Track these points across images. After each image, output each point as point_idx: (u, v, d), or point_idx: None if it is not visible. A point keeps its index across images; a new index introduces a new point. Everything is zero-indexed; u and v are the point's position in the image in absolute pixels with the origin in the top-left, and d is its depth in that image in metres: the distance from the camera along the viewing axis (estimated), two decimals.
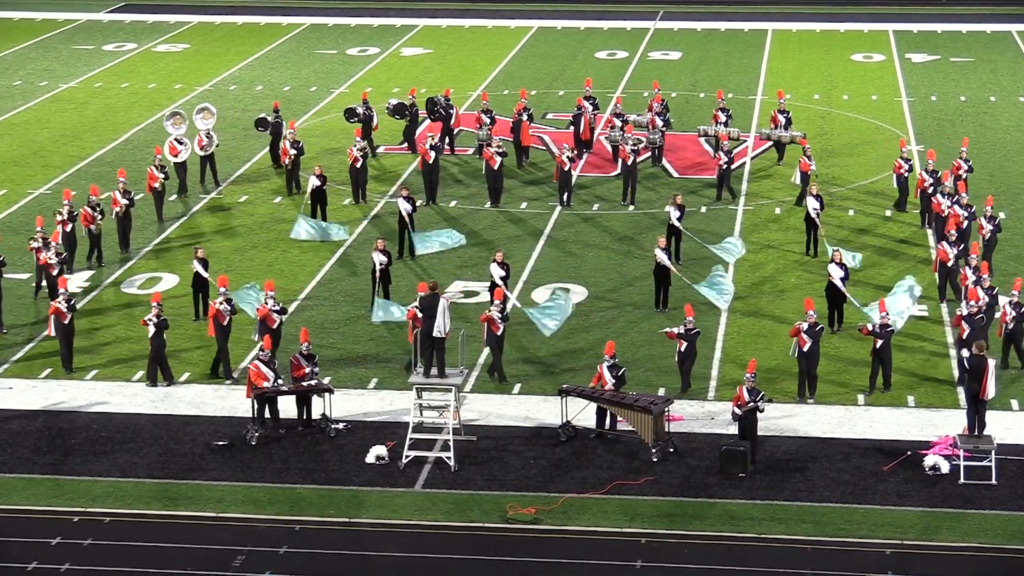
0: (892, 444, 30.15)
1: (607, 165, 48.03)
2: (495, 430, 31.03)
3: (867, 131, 52.14)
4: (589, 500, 28.15)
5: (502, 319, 32.58)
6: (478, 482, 28.90)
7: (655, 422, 29.62)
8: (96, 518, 27.69)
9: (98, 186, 41.98)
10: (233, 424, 31.30)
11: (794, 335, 31.75)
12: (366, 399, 32.58)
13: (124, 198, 41.21)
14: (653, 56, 64.36)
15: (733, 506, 27.90)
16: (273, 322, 33.16)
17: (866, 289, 37.42)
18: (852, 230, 42.08)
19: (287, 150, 45.95)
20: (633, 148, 44.34)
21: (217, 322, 33.11)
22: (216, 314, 33.07)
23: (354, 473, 29.28)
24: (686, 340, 32.28)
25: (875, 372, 32.30)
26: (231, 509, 27.97)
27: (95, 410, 32.11)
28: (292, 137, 46.17)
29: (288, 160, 45.96)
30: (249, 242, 42.11)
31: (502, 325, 32.59)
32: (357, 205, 44.39)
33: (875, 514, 27.58)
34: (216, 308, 33.10)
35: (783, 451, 29.97)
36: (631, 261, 40.04)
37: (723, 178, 44.75)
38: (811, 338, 31.68)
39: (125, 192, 41.37)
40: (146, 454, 30.12)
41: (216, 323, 33.12)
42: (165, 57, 65.15)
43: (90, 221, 39.91)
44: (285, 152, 46.12)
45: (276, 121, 49.06)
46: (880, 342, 31.97)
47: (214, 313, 33.14)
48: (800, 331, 31.62)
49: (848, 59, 63.51)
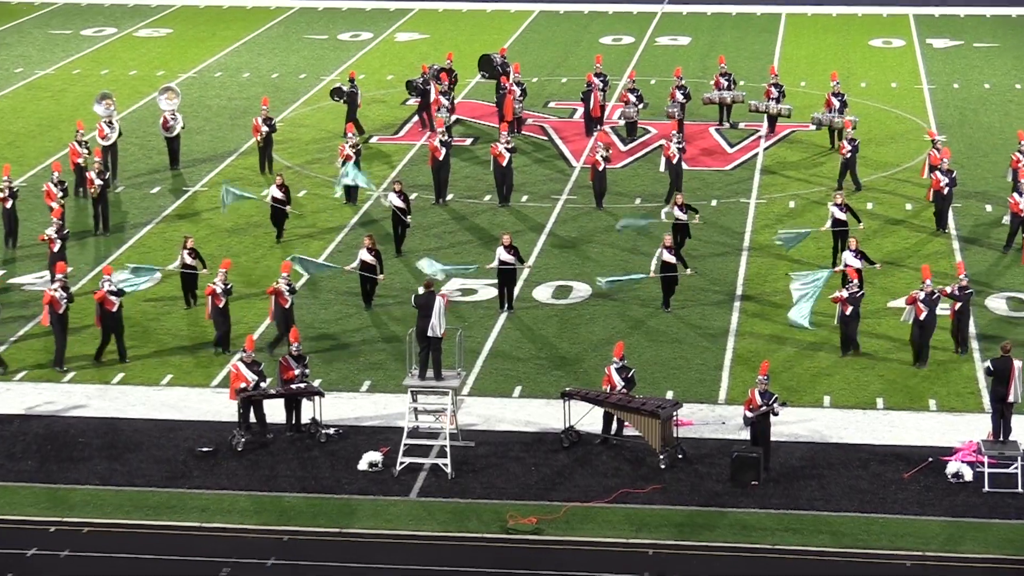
0: (913, 450, 30.13)
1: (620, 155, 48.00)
2: (494, 435, 31.01)
3: (887, 120, 52.11)
4: (593, 509, 28.13)
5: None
6: (476, 490, 28.88)
7: (663, 427, 29.60)
8: (74, 528, 27.66)
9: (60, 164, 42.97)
10: (218, 429, 31.27)
11: (911, 303, 33.51)
12: (359, 402, 32.56)
13: (99, 179, 41.67)
14: (661, 41, 64.31)
15: (745, 515, 27.88)
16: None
17: (883, 295, 37.43)
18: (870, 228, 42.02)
19: (259, 127, 46.51)
20: (678, 145, 43.98)
21: (214, 303, 34.27)
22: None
23: (346, 481, 29.26)
24: (851, 304, 33.81)
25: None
26: (216, 519, 27.94)
27: (73, 414, 32.08)
28: (265, 114, 46.72)
29: (260, 137, 46.45)
30: (235, 239, 42.09)
31: None
32: (348, 205, 44.18)
33: (895, 524, 27.56)
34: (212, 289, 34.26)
35: (798, 457, 29.96)
36: (637, 258, 40.00)
37: (847, 167, 44.51)
38: (927, 307, 33.26)
39: (100, 173, 41.88)
40: (127, 460, 30.10)
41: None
42: (147, 42, 65.11)
43: (53, 198, 40.84)
44: (256, 129, 46.71)
45: (352, 91, 50.14)
46: (959, 304, 33.74)
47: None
48: (916, 299, 33.37)
49: (866, 45, 63.46)
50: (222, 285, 34.36)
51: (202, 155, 49.09)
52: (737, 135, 50.49)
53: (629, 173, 46.63)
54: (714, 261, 39.84)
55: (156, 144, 49.47)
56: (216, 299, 34.29)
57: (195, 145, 49.88)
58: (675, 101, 49.52)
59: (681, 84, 50.13)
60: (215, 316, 34.55)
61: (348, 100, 50.41)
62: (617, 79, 55.32)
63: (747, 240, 41.44)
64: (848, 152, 44.26)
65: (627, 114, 49.64)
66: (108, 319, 34.17)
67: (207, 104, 54.93)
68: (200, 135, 51.06)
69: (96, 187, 41.94)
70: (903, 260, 39.66)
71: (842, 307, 33.93)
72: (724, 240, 41.36)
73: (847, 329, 34.15)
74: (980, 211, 43.36)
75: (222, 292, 34.35)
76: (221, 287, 34.32)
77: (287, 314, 34.28)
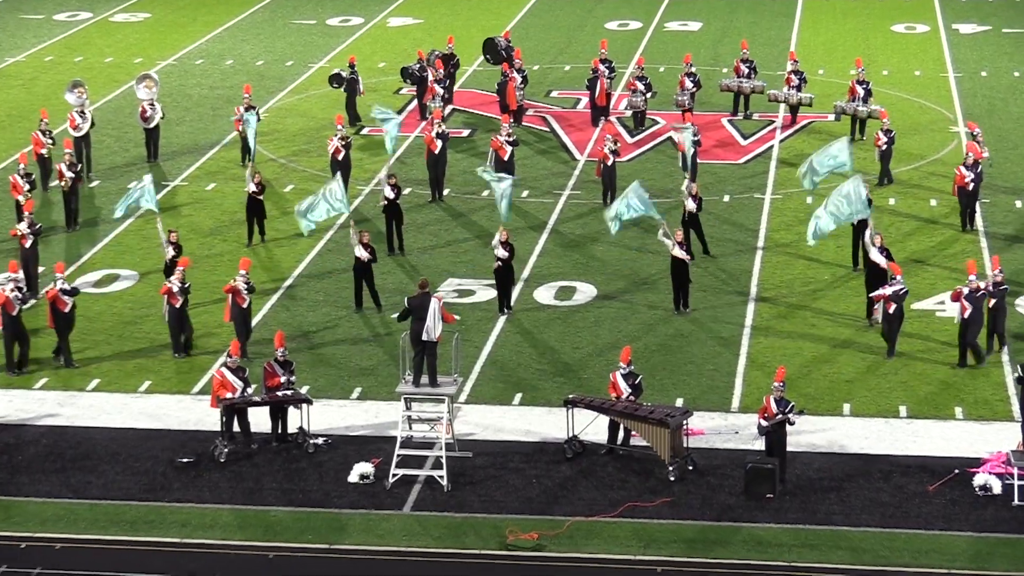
0: (938, 461, 30.13)
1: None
2: (493, 445, 31.02)
3: (910, 111, 52.12)
4: (598, 524, 28.13)
5: None
6: (474, 504, 28.88)
7: (672, 436, 29.60)
8: (45, 544, 27.64)
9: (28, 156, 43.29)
10: (199, 439, 31.27)
11: (955, 299, 33.80)
12: (349, 411, 32.56)
13: (70, 171, 41.74)
14: (670, 27, 64.32)
15: (760, 531, 27.89)
16: None
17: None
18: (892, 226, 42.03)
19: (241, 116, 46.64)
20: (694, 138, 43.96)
21: (236, 303, 34.37)
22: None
23: (335, 494, 29.26)
24: (895, 302, 33.80)
25: (988, 332, 34.14)
26: (197, 534, 27.93)
27: (45, 423, 32.08)
28: (247, 102, 46.99)
29: (243, 127, 46.61)
30: (220, 234, 42.10)
31: None
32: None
33: (919, 540, 27.56)
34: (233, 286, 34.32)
35: (816, 469, 29.96)
36: (646, 257, 40.01)
37: (886, 159, 44.65)
38: (971, 304, 33.43)
39: (71, 164, 41.96)
40: (102, 472, 30.09)
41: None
42: (123, 28, 65.13)
43: (20, 191, 40.92)
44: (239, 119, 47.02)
45: (351, 77, 50.36)
46: (994, 301, 33.85)
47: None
48: (961, 295, 33.57)
49: (888, 30, 63.49)
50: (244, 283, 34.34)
51: (182, 147, 49.10)
52: (752, 126, 50.51)
53: (636, 167, 46.62)
54: (727, 260, 39.84)
55: (133, 136, 49.48)
56: (239, 298, 34.25)
57: (175, 137, 49.90)
58: (684, 90, 49.54)
59: (691, 71, 50.13)
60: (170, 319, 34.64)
61: (348, 87, 50.49)
62: (624, 67, 55.33)
63: (762, 238, 41.45)
64: (884, 144, 44.23)
65: (634, 103, 49.72)
66: (60, 320, 34.24)
67: (187, 93, 54.94)
68: (180, 126, 51.08)
69: (67, 180, 41.92)
70: (928, 259, 39.64)
71: (885, 305, 34.10)
72: (738, 237, 41.36)
73: (889, 330, 34.21)
74: (1010, 206, 43.35)
75: (178, 292, 34.36)
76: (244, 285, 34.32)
77: (245, 314, 34.55)
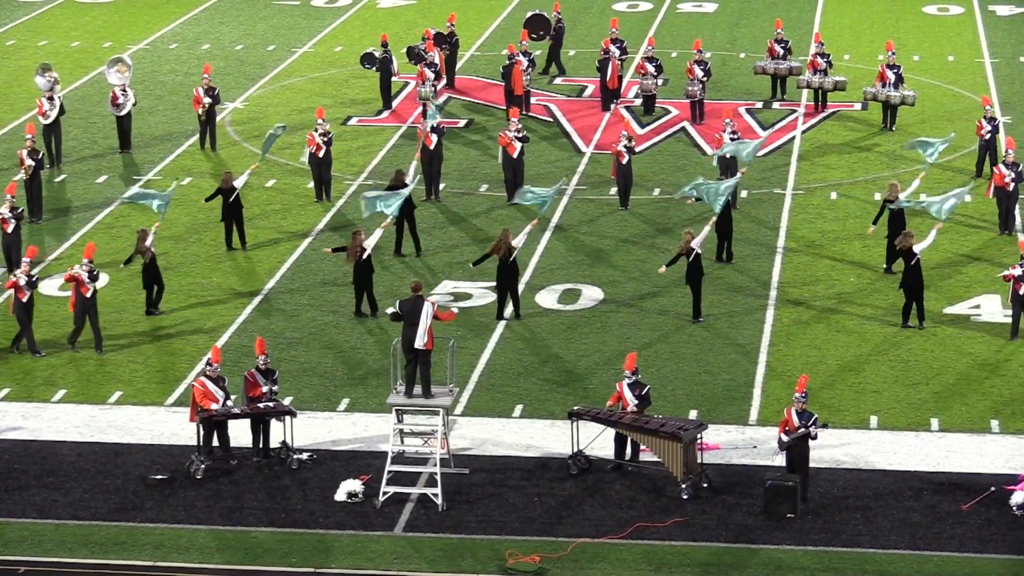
0: (972, 478, 30.22)
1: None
2: (492, 461, 31.10)
3: (942, 99, 52.22)
4: (605, 546, 28.21)
5: None
6: (471, 524, 28.96)
7: (685, 451, 29.68)
8: (8, 568, 27.69)
9: None
10: (174, 454, 31.33)
11: (1009, 280, 35.43)
12: (335, 423, 32.65)
13: (31, 158, 41.90)
14: (683, 8, 64.40)
15: (780, 553, 27.96)
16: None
17: (938, 298, 37.55)
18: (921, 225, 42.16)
19: (200, 98, 47.00)
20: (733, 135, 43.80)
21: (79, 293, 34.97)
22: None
23: (321, 514, 29.34)
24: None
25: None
26: (172, 557, 27.99)
27: (7, 436, 32.15)
28: (207, 83, 47.22)
29: (201, 110, 46.84)
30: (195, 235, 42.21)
31: None
32: (320, 203, 44.11)
33: (952, 563, 27.63)
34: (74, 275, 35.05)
35: (840, 486, 30.04)
36: (656, 257, 40.10)
37: (987, 150, 44.66)
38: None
39: (32, 152, 42.02)
40: (69, 490, 30.15)
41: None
42: (91, 9, 65.19)
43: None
44: (198, 100, 47.25)
45: (384, 57, 50.85)
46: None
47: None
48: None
49: (919, 12, 63.57)
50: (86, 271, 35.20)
51: (156, 136, 49.21)
52: (771, 116, 50.61)
53: (647, 159, 46.70)
54: (745, 261, 39.94)
55: (103, 124, 49.59)
56: (82, 288, 35.03)
57: (147, 127, 50.01)
58: (695, 79, 49.40)
59: (701, 59, 49.95)
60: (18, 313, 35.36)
61: (381, 67, 50.73)
62: (634, 52, 55.41)
63: (782, 237, 41.56)
64: (988, 133, 44.14)
65: (645, 86, 49.74)
66: (19, 309, 35.02)
67: (161, 80, 55.06)
68: (153, 115, 51.21)
69: (28, 168, 41.98)
70: (963, 262, 39.69)
71: (1015, 286, 35.26)
72: (756, 237, 41.46)
73: (1021, 310, 35.60)
74: None
75: (87, 279, 35.24)
76: (86, 273, 35.17)
77: (87, 303, 35.21)
